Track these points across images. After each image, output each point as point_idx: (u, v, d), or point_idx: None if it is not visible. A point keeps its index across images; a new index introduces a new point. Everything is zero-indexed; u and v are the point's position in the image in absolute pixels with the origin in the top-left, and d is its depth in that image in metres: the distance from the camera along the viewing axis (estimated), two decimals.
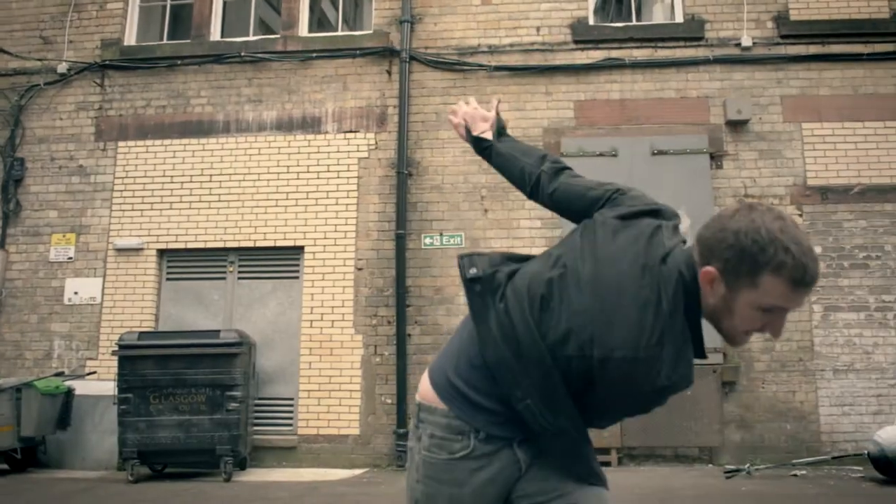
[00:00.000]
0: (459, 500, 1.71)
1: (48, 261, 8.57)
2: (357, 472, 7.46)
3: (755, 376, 7.66)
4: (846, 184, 8.00)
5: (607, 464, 7.39)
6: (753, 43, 8.33)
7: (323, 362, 8.04)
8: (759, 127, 8.17)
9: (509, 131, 2.16)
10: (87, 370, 8.14)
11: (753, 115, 8.14)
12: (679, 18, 8.60)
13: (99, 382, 7.81)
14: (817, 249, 7.74)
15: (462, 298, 6.57)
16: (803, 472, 6.90)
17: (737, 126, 8.15)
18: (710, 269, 1.55)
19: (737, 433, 7.55)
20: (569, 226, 1.85)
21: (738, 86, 8.28)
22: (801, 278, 1.48)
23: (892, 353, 7.64)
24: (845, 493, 5.93)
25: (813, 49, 8.29)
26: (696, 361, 1.77)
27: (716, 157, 8.12)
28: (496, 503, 1.73)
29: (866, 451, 6.38)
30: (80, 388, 7.67)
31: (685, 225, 7.85)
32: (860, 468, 6.96)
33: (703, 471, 7.16)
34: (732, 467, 6.78)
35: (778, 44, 8.35)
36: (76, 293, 8.44)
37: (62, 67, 8.95)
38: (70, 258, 8.55)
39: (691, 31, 8.44)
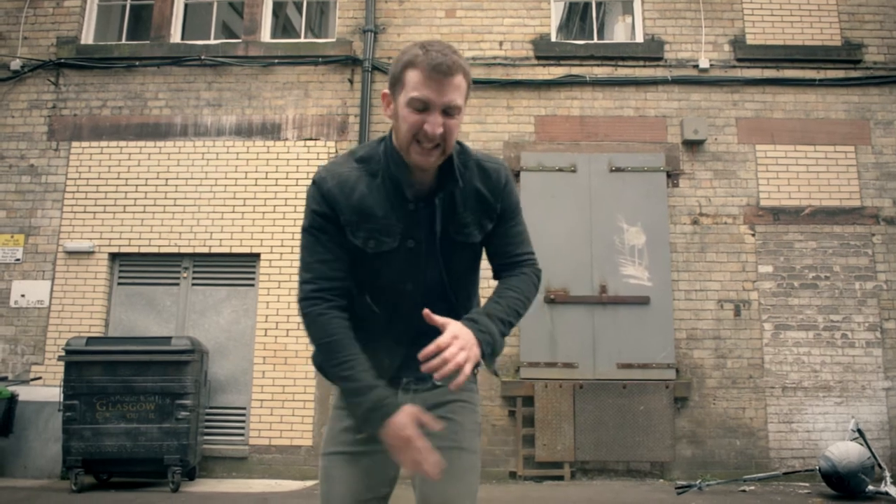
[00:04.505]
0: (340, 419, 2.07)
1: None
2: (309, 483, 7.37)
3: (707, 392, 7.77)
4: (797, 205, 8.19)
5: (560, 478, 7.43)
6: (710, 65, 8.50)
7: (276, 371, 7.94)
8: (714, 147, 8.33)
9: (469, 143, 2.15)
10: (32, 375, 7.92)
11: (709, 135, 8.30)
12: (639, 38, 8.74)
13: (44, 388, 7.60)
14: (768, 269, 7.92)
15: None
16: (752, 487, 7.01)
17: (693, 146, 8.30)
18: (384, 91, 1.94)
19: (688, 448, 7.64)
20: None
21: (694, 106, 8.43)
22: (431, 65, 1.78)
23: (839, 372, 7.82)
24: None
25: (768, 73, 8.50)
26: (650, 378, 1.99)
27: (672, 176, 8.25)
28: (360, 442, 1.98)
29: (817, 467, 6.50)
30: (25, 393, 7.44)
31: (641, 241, 7.96)
32: (807, 484, 7.10)
33: (654, 486, 7.22)
34: (684, 483, 6.85)
35: (734, 66, 8.54)
36: (23, 296, 8.21)
37: (16, 64, 8.74)
38: (18, 260, 8.32)
39: (651, 52, 8.58)
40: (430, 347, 1.74)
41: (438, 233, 1.96)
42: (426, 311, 1.81)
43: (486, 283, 1.97)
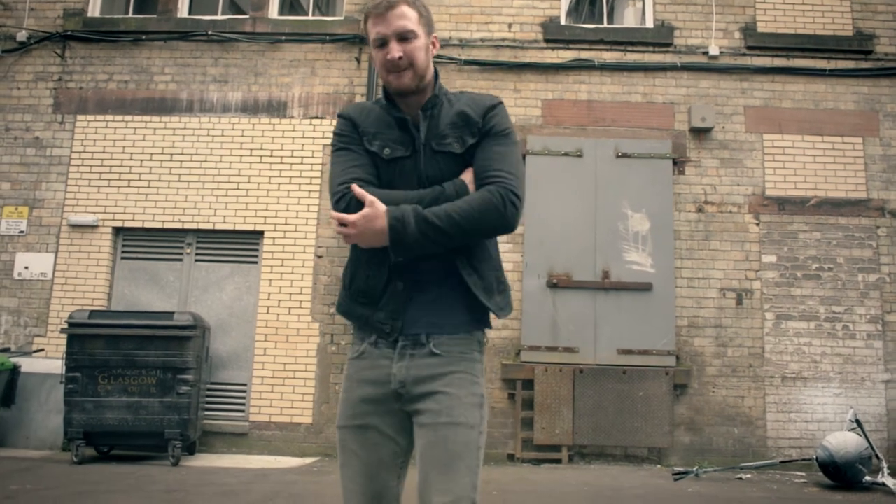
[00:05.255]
0: (349, 392, 2.10)
1: None
2: (308, 460, 7.41)
3: (706, 380, 7.79)
4: (803, 196, 8.17)
5: (558, 461, 7.46)
6: (720, 52, 8.45)
7: (278, 349, 7.97)
8: (721, 135, 8.29)
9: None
10: (34, 347, 7.95)
11: (717, 123, 8.26)
12: (649, 24, 8.68)
13: (46, 360, 7.64)
14: (772, 259, 7.91)
15: None
16: (749, 475, 7.04)
17: (700, 133, 8.27)
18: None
19: (686, 435, 7.67)
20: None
21: (703, 93, 8.39)
22: (374, 6, 2.07)
23: (839, 363, 7.83)
24: (787, 498, 6.06)
25: (777, 62, 8.44)
26: (650, 364, 2.03)
27: (678, 163, 8.22)
28: (375, 405, 2.05)
29: (815, 457, 6.52)
30: (27, 365, 7.48)
31: (645, 228, 7.94)
32: (803, 474, 7.13)
33: (651, 471, 7.25)
34: (681, 469, 6.88)
35: (744, 54, 8.48)
36: (26, 268, 8.23)
37: (22, 36, 8.71)
38: (22, 232, 8.33)
39: (661, 37, 8.52)
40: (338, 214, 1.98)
41: (422, 140, 2.10)
42: (352, 185, 2.00)
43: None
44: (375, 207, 1.93)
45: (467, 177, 2.06)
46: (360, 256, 2.10)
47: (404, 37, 2.05)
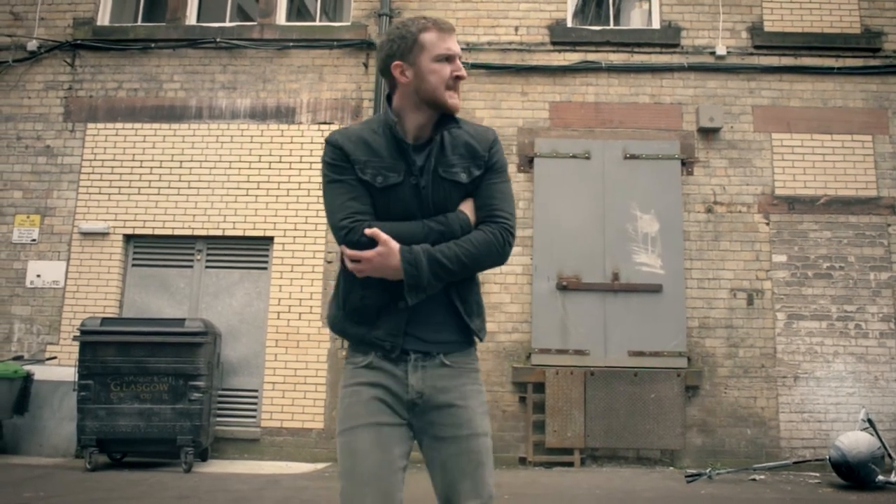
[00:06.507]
0: (357, 395, 2.10)
1: (10, 242, 8.40)
2: (319, 466, 7.42)
3: (718, 381, 7.76)
4: (813, 195, 8.14)
5: (570, 464, 7.45)
6: (728, 52, 8.43)
7: (289, 355, 7.99)
8: (730, 135, 8.27)
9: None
10: (47, 355, 8.00)
11: (725, 123, 8.24)
12: (656, 25, 8.68)
13: (59, 368, 7.69)
14: (782, 258, 7.89)
15: None
16: (762, 476, 7.01)
17: (708, 133, 8.25)
18: (395, 63, 2.12)
19: (698, 437, 7.64)
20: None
21: (710, 94, 8.37)
22: (443, 25, 2.13)
23: (852, 362, 7.79)
24: (801, 499, 6.03)
25: (785, 61, 8.42)
26: (661, 366, 2.05)
27: (687, 164, 8.21)
28: (389, 407, 2.09)
29: (827, 457, 6.49)
30: (40, 373, 7.52)
31: (654, 229, 7.93)
32: (817, 474, 7.09)
33: (664, 473, 7.23)
34: (693, 471, 6.86)
35: (751, 54, 8.46)
36: (39, 276, 8.29)
37: (32, 45, 8.77)
38: (33, 240, 8.38)
39: (667, 38, 8.51)
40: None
41: (431, 168, 2.13)
42: (364, 225, 2.04)
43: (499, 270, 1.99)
44: (389, 246, 2.01)
45: (468, 208, 2.16)
46: (352, 276, 2.11)
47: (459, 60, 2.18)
